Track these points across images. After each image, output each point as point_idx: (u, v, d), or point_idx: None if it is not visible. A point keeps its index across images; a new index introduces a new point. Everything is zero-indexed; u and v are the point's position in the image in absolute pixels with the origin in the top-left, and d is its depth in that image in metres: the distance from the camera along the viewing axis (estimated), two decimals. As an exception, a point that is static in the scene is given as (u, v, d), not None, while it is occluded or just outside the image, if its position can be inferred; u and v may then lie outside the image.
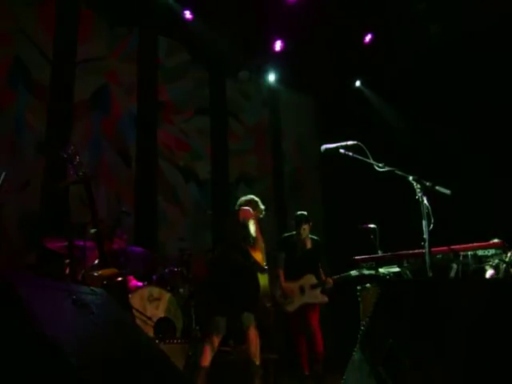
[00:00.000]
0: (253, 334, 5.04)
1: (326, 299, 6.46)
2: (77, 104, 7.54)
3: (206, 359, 4.83)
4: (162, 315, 5.77)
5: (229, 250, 5.35)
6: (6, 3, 7.04)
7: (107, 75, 8.05)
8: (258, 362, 5.01)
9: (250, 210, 5.52)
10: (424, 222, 3.81)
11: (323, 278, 6.51)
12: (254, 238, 5.36)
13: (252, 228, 5.37)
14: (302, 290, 6.44)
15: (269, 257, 7.83)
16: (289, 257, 6.65)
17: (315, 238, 6.81)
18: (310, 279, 6.49)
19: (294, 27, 8.60)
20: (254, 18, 8.43)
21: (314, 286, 6.44)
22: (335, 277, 6.40)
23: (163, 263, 6.79)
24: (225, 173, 9.32)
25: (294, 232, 6.73)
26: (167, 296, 5.95)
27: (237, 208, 5.63)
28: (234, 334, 5.59)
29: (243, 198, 5.79)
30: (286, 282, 6.50)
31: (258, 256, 5.34)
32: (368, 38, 9.09)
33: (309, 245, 6.73)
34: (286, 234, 6.86)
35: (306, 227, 6.64)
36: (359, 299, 6.02)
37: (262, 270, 5.33)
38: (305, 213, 6.73)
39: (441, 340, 2.24)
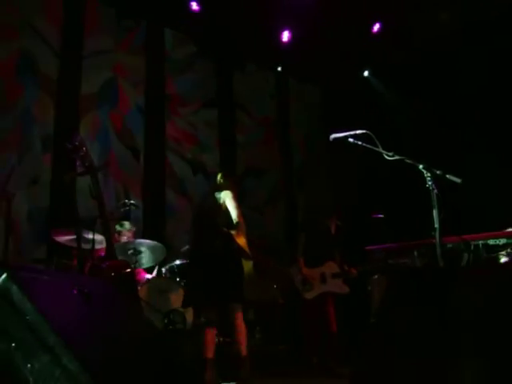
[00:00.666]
0: (240, 325, 4.85)
1: (347, 290, 6.23)
2: (84, 97, 7.54)
3: (209, 351, 4.75)
4: (172, 307, 5.75)
5: (209, 236, 4.95)
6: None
7: (114, 68, 8.04)
8: (244, 353, 4.83)
9: (229, 192, 5.07)
10: (435, 211, 3.76)
11: (345, 267, 6.28)
12: (238, 222, 4.90)
13: (233, 211, 4.91)
14: (323, 277, 6.25)
15: (278, 247, 7.82)
16: (310, 241, 6.43)
17: (340, 223, 6.61)
18: (332, 267, 6.27)
19: (301, 17, 8.52)
20: (261, 9, 8.36)
21: (336, 275, 6.23)
22: (357, 268, 6.18)
23: (172, 255, 6.79)
24: (233, 165, 9.30)
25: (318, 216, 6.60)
26: (177, 288, 5.94)
27: (216, 189, 5.17)
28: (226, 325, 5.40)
29: (221, 177, 5.31)
30: (306, 267, 6.29)
31: (242, 241, 4.92)
32: (376, 27, 9.01)
33: (333, 231, 6.56)
34: (309, 217, 6.65)
35: (335, 216, 6.55)
36: (369, 289, 6.01)
37: (248, 257, 4.99)
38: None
39: (454, 330, 2.20)
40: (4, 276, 1.96)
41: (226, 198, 4.96)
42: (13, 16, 6.99)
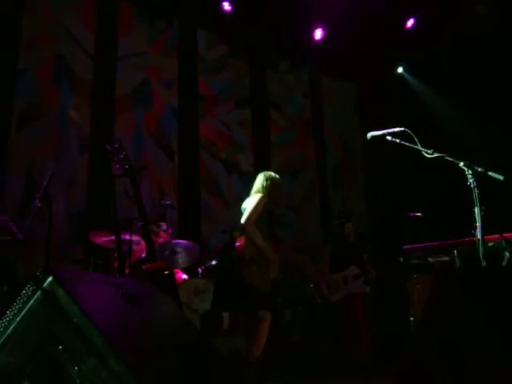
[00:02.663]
0: (262, 328, 4.71)
1: (367, 289, 6.57)
2: (119, 99, 7.61)
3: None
4: (209, 307, 5.76)
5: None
6: (47, 1, 7.13)
7: (148, 70, 8.09)
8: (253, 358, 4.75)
9: (259, 195, 5.01)
10: (476, 209, 3.68)
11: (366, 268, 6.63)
12: (246, 224, 4.82)
13: (246, 213, 4.85)
14: (345, 280, 6.54)
15: (315, 249, 8.00)
16: (334, 250, 6.83)
17: (360, 231, 7.06)
18: (353, 270, 6.57)
19: (333, 15, 8.47)
20: (293, 7, 8.33)
21: (356, 277, 6.53)
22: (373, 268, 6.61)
23: (208, 255, 6.81)
24: (267, 165, 9.26)
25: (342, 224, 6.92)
26: (213, 288, 5.94)
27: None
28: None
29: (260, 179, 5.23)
30: (330, 273, 6.64)
31: (248, 243, 4.85)
32: (410, 22, 8.90)
33: (352, 238, 6.89)
34: (334, 226, 7.03)
35: (349, 225, 6.82)
36: (407, 290, 5.92)
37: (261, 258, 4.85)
38: (346, 210, 6.90)
39: (506, 331, 2.15)
40: (50, 279, 1.97)
41: (252, 200, 4.95)
42: (50, 22, 7.10)
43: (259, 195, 4.97)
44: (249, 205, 4.91)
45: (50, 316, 1.92)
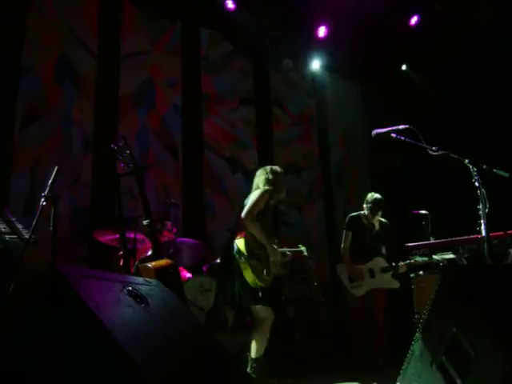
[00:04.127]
0: (262, 325, 4.67)
1: (397, 284, 6.16)
2: (122, 98, 7.61)
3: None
4: (213, 305, 5.77)
5: None
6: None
7: (151, 68, 8.09)
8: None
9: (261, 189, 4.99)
10: (481, 206, 3.68)
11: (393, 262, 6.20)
12: (246, 217, 4.77)
13: (246, 207, 4.82)
14: (371, 273, 6.20)
15: (318, 245, 7.74)
16: (356, 238, 6.39)
17: (384, 220, 6.56)
18: (381, 262, 6.21)
19: (337, 12, 8.46)
20: (297, 5, 8.32)
21: (384, 270, 6.16)
22: (405, 262, 6.00)
23: (212, 254, 6.82)
24: (271, 163, 9.23)
25: (362, 212, 6.50)
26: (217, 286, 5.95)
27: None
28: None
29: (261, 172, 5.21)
30: (353, 264, 6.27)
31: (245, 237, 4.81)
32: (414, 20, 8.88)
33: (377, 227, 6.50)
34: (353, 214, 6.52)
35: (380, 213, 6.44)
36: (412, 287, 5.91)
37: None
38: (382, 198, 6.50)
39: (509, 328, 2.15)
40: (56, 277, 1.98)
41: (252, 195, 4.91)
42: (54, 21, 7.10)
43: (260, 190, 4.91)
44: (250, 199, 4.86)
45: (56, 314, 1.93)
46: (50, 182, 3.93)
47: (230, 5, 8.32)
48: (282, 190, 5.06)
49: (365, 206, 6.47)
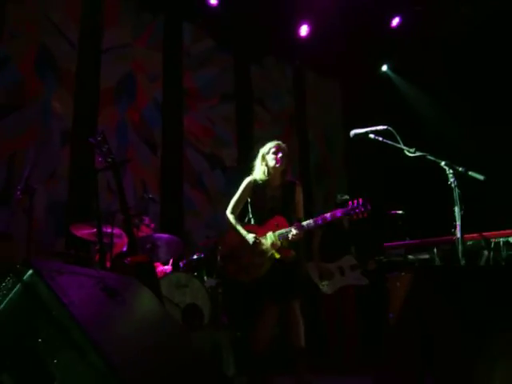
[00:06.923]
0: (258, 320, 4.55)
1: (366, 281, 6.26)
2: (103, 91, 7.56)
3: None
4: (190, 302, 5.76)
5: None
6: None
7: (133, 62, 8.05)
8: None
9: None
10: (456, 208, 3.72)
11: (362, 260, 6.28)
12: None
13: None
14: (341, 271, 6.27)
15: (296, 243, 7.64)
16: (327, 237, 6.45)
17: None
18: (350, 260, 6.30)
19: (320, 11, 8.48)
20: (280, 2, 8.33)
21: (354, 267, 6.25)
22: (374, 260, 6.16)
23: (189, 250, 6.80)
24: (251, 160, 9.24)
25: None
26: (195, 282, 5.94)
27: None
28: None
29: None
30: (323, 262, 6.31)
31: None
32: (395, 21, 8.94)
33: (347, 226, 6.57)
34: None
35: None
36: (387, 286, 5.96)
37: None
38: (348, 197, 6.53)
39: (481, 330, 2.18)
40: (30, 272, 1.97)
41: None
42: (31, 10, 7.03)
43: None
44: None
45: (29, 309, 1.92)
46: (27, 174, 3.89)
47: (213, 0, 8.30)
48: (264, 161, 4.78)
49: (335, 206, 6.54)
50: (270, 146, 4.79)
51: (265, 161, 4.77)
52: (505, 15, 8.02)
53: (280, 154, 4.70)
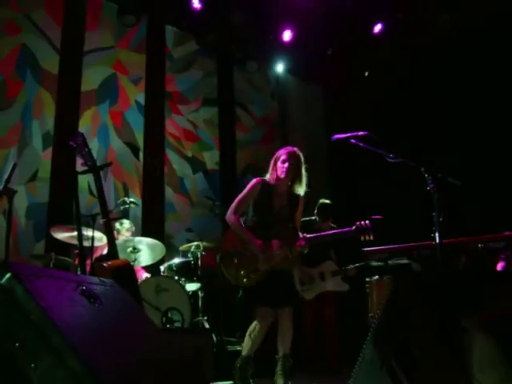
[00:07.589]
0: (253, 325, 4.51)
1: (347, 287, 6.26)
2: (84, 94, 7.53)
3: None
4: (170, 305, 5.74)
5: None
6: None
7: (115, 65, 8.03)
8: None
9: None
10: (435, 214, 3.76)
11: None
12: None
13: None
14: (322, 276, 6.26)
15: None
16: None
17: (334, 225, 6.48)
18: (331, 266, 6.29)
19: (303, 16, 8.52)
20: (263, 7, 8.36)
21: (335, 273, 6.25)
22: (354, 265, 6.17)
23: (171, 254, 6.79)
24: (233, 164, 9.27)
25: (313, 218, 6.51)
26: (175, 286, 5.94)
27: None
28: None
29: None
30: (304, 267, 6.23)
31: None
32: (378, 27, 9.00)
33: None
34: (305, 219, 6.56)
35: (331, 218, 6.47)
36: (368, 291, 5.99)
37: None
38: (330, 203, 6.56)
39: (456, 336, 2.20)
40: (8, 275, 1.95)
41: None
42: (14, 11, 6.99)
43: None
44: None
45: (7, 312, 1.91)
46: (6, 176, 3.87)
47: (197, 4, 8.29)
48: (275, 166, 4.74)
49: (315, 212, 6.56)
50: (282, 152, 4.76)
51: (275, 166, 4.74)
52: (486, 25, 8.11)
53: (287, 164, 4.65)
